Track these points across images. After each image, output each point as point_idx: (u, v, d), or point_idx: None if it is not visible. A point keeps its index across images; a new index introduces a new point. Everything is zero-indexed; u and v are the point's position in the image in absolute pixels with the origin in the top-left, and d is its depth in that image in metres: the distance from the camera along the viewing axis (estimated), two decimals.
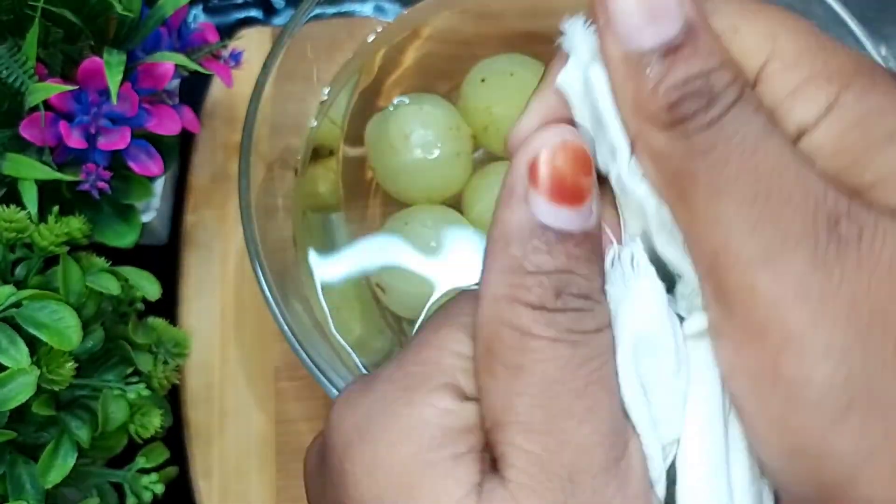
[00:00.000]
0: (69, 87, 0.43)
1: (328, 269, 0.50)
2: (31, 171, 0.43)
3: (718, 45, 0.21)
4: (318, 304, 0.48)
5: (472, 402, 0.23)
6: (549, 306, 0.21)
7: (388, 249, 0.50)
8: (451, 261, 0.49)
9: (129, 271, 0.44)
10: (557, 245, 0.21)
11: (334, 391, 0.42)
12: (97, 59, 0.44)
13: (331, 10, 0.52)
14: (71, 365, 0.38)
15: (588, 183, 0.21)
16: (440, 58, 0.55)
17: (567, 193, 0.21)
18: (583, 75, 0.23)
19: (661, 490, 0.22)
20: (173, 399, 0.50)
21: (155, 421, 0.42)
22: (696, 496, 0.22)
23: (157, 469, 0.43)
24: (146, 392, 0.42)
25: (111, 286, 0.41)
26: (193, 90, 0.56)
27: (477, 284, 0.23)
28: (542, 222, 0.21)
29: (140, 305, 0.46)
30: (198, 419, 0.51)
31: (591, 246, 0.22)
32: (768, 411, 0.20)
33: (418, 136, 0.50)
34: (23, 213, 0.41)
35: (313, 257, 0.50)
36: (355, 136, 0.53)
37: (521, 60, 0.53)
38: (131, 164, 0.46)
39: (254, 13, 0.65)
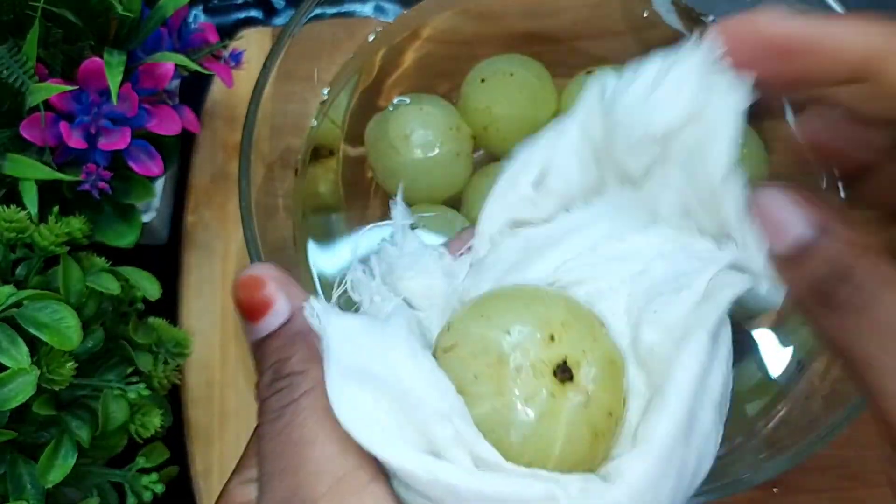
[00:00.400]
0: (69, 88, 0.43)
1: (328, 268, 0.50)
2: (31, 171, 0.43)
3: (846, 234, 0.26)
4: None
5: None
6: (262, 396, 0.27)
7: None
8: None
9: (130, 271, 0.44)
10: (263, 348, 0.28)
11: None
12: (97, 59, 0.44)
13: (331, 10, 0.52)
14: (71, 365, 0.38)
15: (263, 297, 0.28)
16: (440, 58, 0.55)
17: (250, 313, 0.28)
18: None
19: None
20: (174, 399, 0.50)
21: (155, 421, 0.42)
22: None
23: (157, 469, 0.43)
24: (146, 392, 0.42)
25: (111, 286, 0.41)
26: (194, 90, 0.56)
27: None
28: (251, 340, 0.28)
29: (140, 305, 0.46)
30: (198, 419, 0.51)
31: (288, 335, 0.28)
32: None
33: (418, 136, 0.50)
34: (23, 213, 0.41)
35: (313, 257, 0.50)
36: (355, 136, 0.53)
37: (521, 61, 0.53)
38: (132, 165, 0.46)
39: (254, 13, 0.65)
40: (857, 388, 0.25)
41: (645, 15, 0.54)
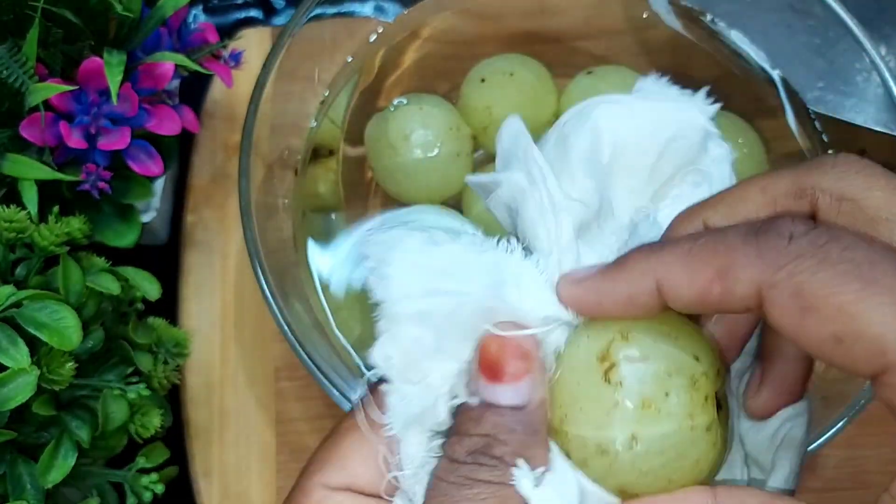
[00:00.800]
0: (69, 88, 0.43)
1: (328, 268, 0.50)
2: (31, 171, 0.44)
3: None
4: (318, 303, 0.49)
5: None
6: (459, 460, 0.26)
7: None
8: None
9: (130, 271, 0.44)
10: (487, 414, 0.26)
11: (334, 391, 0.42)
12: (97, 59, 0.44)
13: (331, 10, 0.52)
14: (71, 365, 0.39)
15: (517, 368, 0.26)
16: (440, 58, 0.55)
17: (494, 372, 0.26)
18: None
19: None
20: (173, 399, 0.50)
21: (155, 421, 0.42)
22: None
23: (157, 469, 0.43)
24: (146, 392, 0.42)
25: (111, 286, 0.42)
26: (193, 90, 0.56)
27: None
28: (480, 397, 0.26)
29: (140, 305, 0.46)
30: (198, 419, 0.51)
31: (522, 422, 0.26)
32: None
33: (418, 136, 0.50)
34: (23, 213, 0.41)
35: (313, 257, 0.50)
36: (355, 136, 0.53)
37: (520, 60, 0.53)
38: (131, 164, 0.46)
39: (254, 13, 0.65)
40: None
41: (644, 15, 0.54)
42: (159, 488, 0.43)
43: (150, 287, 0.44)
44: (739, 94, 0.53)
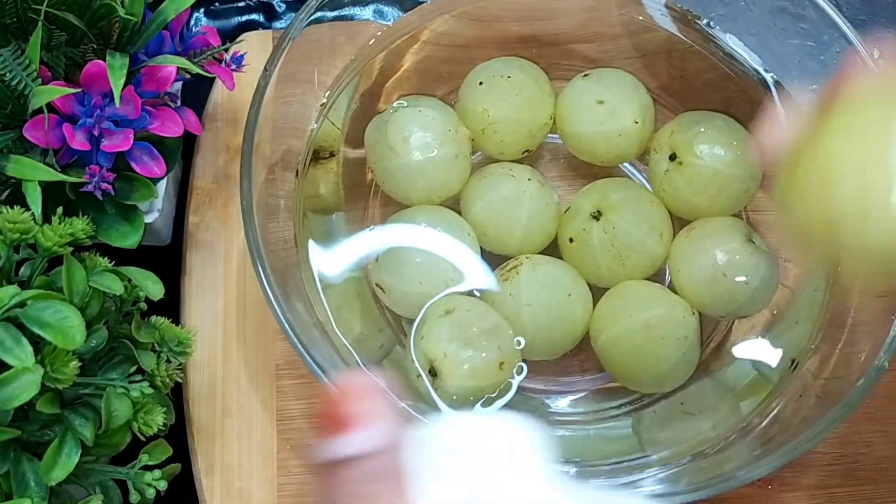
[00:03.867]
0: (72, 90, 0.44)
1: (329, 268, 0.50)
2: (35, 172, 0.44)
3: None
4: (319, 303, 0.49)
5: None
6: None
7: (387, 250, 0.50)
8: (449, 261, 0.49)
9: (133, 271, 0.44)
10: (342, 471, 0.23)
11: (334, 389, 0.43)
12: (100, 62, 0.44)
13: (331, 13, 0.52)
14: (75, 364, 0.39)
15: (369, 408, 0.23)
16: (439, 61, 0.55)
17: (342, 420, 0.23)
18: None
19: None
20: (176, 397, 0.51)
21: (158, 419, 0.42)
22: None
23: (160, 466, 0.44)
24: (149, 390, 0.42)
25: (114, 286, 0.42)
26: (196, 93, 0.57)
27: None
28: (334, 456, 0.23)
29: (143, 305, 0.47)
30: (200, 417, 0.52)
31: (385, 463, 0.23)
32: None
33: (417, 138, 0.50)
34: (27, 214, 0.41)
35: (314, 257, 0.50)
36: (355, 138, 0.53)
37: (518, 64, 0.53)
38: (134, 166, 0.47)
39: (255, 17, 0.65)
40: None
41: (640, 18, 0.55)
42: (162, 485, 0.43)
43: (153, 287, 0.45)
44: (734, 96, 0.53)
